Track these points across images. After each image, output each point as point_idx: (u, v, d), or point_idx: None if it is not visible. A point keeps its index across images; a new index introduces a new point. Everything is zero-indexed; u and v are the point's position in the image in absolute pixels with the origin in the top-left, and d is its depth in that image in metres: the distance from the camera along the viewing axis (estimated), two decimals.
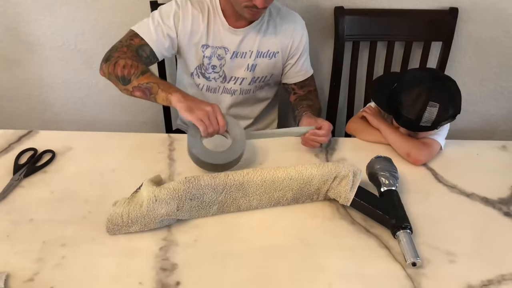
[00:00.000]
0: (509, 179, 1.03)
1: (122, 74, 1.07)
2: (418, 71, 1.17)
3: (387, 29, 1.48)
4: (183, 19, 1.17)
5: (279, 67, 1.30)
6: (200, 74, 1.28)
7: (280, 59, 1.27)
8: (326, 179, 0.91)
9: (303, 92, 1.31)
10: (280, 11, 1.25)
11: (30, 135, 1.14)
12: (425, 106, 1.01)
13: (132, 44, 1.14)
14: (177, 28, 1.17)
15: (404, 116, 1.05)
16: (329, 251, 0.84)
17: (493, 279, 0.79)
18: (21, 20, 1.53)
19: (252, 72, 1.27)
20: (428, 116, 1.02)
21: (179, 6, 1.18)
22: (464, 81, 1.66)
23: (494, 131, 1.79)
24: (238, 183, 0.89)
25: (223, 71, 1.27)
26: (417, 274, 0.79)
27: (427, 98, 1.01)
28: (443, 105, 1.02)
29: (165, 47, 1.18)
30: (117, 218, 0.83)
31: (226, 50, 1.23)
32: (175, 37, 1.18)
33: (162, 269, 0.79)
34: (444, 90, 1.04)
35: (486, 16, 1.50)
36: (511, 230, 0.90)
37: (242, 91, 1.31)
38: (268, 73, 1.29)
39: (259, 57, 1.25)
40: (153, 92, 1.03)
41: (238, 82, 1.29)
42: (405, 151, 1.08)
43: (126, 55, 1.10)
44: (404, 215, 0.87)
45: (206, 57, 1.23)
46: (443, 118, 1.04)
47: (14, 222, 0.88)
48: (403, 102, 1.05)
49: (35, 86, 1.70)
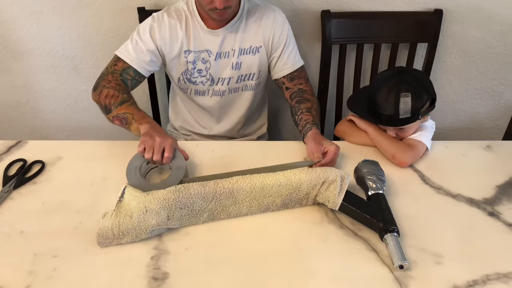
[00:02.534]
0: (493, 179, 1.06)
1: (104, 103, 1.13)
2: (383, 72, 1.21)
3: (374, 31, 1.50)
4: (160, 30, 1.20)
5: (265, 63, 1.30)
6: (186, 79, 1.29)
7: (264, 54, 1.28)
8: (314, 184, 0.92)
9: (294, 86, 1.29)
10: (258, 7, 1.26)
11: (19, 145, 1.14)
12: (398, 98, 1.06)
13: (116, 70, 1.19)
14: (155, 40, 1.20)
15: (384, 115, 1.09)
16: (318, 255, 0.85)
17: (478, 279, 0.81)
18: (8, 28, 1.53)
19: (238, 70, 1.28)
20: (404, 107, 1.06)
21: (155, 20, 1.21)
22: (450, 81, 1.68)
23: (480, 129, 1.82)
24: (227, 190, 0.90)
25: (210, 74, 1.28)
26: (404, 276, 0.81)
27: (397, 90, 1.06)
28: (415, 93, 1.06)
29: (146, 61, 1.20)
30: (108, 231, 0.83)
31: (209, 53, 1.24)
32: (155, 48, 1.21)
33: (154, 278, 0.80)
34: (411, 79, 1.09)
35: (471, 17, 1.53)
36: (495, 230, 0.92)
37: (230, 90, 1.32)
38: (255, 69, 1.29)
39: (242, 54, 1.26)
40: (128, 122, 1.09)
41: (225, 82, 1.30)
42: (391, 153, 1.10)
43: (110, 84, 1.15)
44: (391, 218, 0.88)
45: (189, 62, 1.25)
46: (419, 105, 1.07)
47: (5, 235, 0.88)
48: (378, 102, 1.09)
49: (24, 94, 1.69)
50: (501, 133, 1.81)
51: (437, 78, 1.66)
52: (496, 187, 1.03)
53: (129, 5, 1.47)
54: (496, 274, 0.81)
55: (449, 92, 1.72)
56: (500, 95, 1.71)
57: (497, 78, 1.67)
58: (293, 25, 1.31)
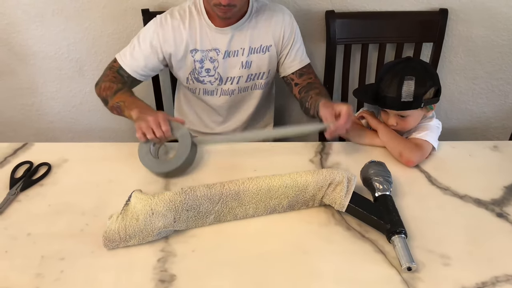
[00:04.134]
0: (501, 180, 1.05)
1: (103, 96, 1.20)
2: (391, 62, 1.23)
3: (378, 31, 1.49)
4: (163, 33, 1.22)
5: (275, 61, 1.30)
6: (194, 79, 1.29)
7: (274, 52, 1.28)
8: (321, 186, 0.92)
9: (304, 81, 1.29)
10: (266, 6, 1.26)
11: (25, 147, 1.15)
12: (402, 81, 1.07)
13: (114, 66, 1.24)
14: (158, 45, 1.22)
15: (387, 97, 1.10)
16: (325, 257, 0.85)
17: (487, 281, 0.80)
18: (12, 31, 1.53)
19: (247, 69, 1.28)
20: (407, 89, 1.07)
21: (158, 23, 1.22)
22: (456, 80, 1.67)
23: (486, 129, 1.81)
24: (234, 192, 0.90)
25: (218, 73, 1.28)
26: (412, 278, 0.80)
27: (402, 74, 1.08)
28: (419, 78, 1.08)
29: (140, 67, 1.23)
30: (114, 234, 0.83)
31: (217, 52, 1.24)
32: (155, 54, 1.23)
33: (161, 280, 0.79)
34: (417, 66, 1.12)
35: (476, 16, 1.52)
36: (503, 231, 0.91)
37: (240, 90, 1.32)
38: (265, 69, 1.29)
39: (253, 53, 1.26)
40: (122, 110, 1.15)
41: (234, 81, 1.30)
42: (398, 151, 1.10)
43: (108, 78, 1.22)
44: (399, 219, 0.88)
45: (197, 61, 1.25)
46: (422, 90, 1.08)
47: (12, 237, 0.88)
48: (382, 86, 1.11)
49: (29, 96, 1.70)
50: (507, 132, 1.80)
51: (443, 78, 1.66)
52: (504, 187, 1.02)
53: (133, 7, 1.47)
54: (505, 276, 0.81)
55: (455, 92, 1.71)
56: (506, 95, 1.70)
57: (503, 77, 1.66)
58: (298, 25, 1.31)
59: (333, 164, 1.10)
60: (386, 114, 1.16)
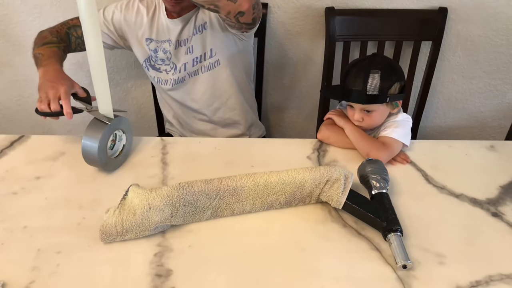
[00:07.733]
0: (497, 180, 1.05)
1: (34, 42, 1.21)
2: (357, 58, 1.25)
3: (378, 29, 1.49)
4: (126, 13, 1.27)
5: (215, 38, 1.27)
6: (149, 66, 1.34)
7: (210, 28, 1.26)
8: (318, 183, 0.92)
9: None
10: None
11: (22, 140, 1.14)
12: (368, 74, 1.08)
13: (69, 23, 1.26)
14: (117, 21, 1.27)
15: (353, 91, 1.10)
16: (321, 254, 0.85)
17: (481, 280, 0.80)
18: (10, 22, 1.52)
19: (191, 54, 1.29)
20: (372, 82, 1.08)
21: (125, 3, 1.28)
22: (454, 79, 1.68)
23: (483, 128, 1.82)
24: (231, 188, 0.90)
25: (173, 63, 1.31)
26: (407, 276, 0.81)
27: (368, 68, 1.10)
28: (384, 72, 1.09)
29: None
30: (111, 228, 0.83)
31: (170, 43, 1.28)
32: (113, 29, 1.29)
33: (157, 275, 0.80)
34: (382, 61, 1.14)
35: (475, 15, 1.52)
36: (498, 230, 0.92)
37: (189, 75, 1.32)
38: (206, 49, 1.28)
39: (194, 34, 1.27)
40: (37, 63, 1.14)
41: (182, 68, 1.31)
42: (365, 151, 1.09)
43: (53, 29, 1.24)
44: (395, 218, 0.88)
45: (151, 50, 1.30)
46: (387, 84, 1.09)
47: (9, 230, 0.88)
48: (348, 80, 1.12)
49: (26, 88, 1.69)
50: (504, 132, 1.81)
51: (441, 76, 1.66)
52: (500, 187, 1.03)
53: None
54: (499, 275, 0.81)
55: (453, 91, 1.71)
56: (503, 95, 1.71)
57: (501, 77, 1.66)
58: (297, 22, 1.31)
59: (330, 161, 1.11)
60: (352, 110, 1.14)
